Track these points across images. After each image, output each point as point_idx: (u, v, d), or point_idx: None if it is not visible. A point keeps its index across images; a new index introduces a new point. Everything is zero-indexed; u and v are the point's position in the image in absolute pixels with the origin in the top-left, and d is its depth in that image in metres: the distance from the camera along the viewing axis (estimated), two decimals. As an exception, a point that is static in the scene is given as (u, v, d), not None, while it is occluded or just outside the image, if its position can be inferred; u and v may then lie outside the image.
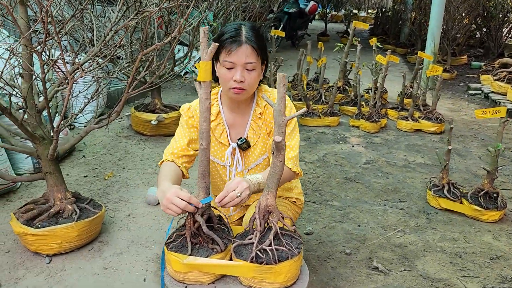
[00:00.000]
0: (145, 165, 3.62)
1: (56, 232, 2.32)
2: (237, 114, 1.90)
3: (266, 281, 1.43)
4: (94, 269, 2.32)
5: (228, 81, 1.72)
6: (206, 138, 1.48)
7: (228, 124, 1.91)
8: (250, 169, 1.94)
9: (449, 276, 2.36)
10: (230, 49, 1.67)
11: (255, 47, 1.69)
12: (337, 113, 4.96)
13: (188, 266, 1.43)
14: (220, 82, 1.79)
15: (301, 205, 2.15)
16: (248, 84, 1.73)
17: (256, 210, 1.51)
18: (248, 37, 1.69)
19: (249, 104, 1.89)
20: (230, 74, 1.71)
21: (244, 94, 1.76)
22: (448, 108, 5.81)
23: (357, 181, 3.52)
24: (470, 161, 4.00)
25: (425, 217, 2.98)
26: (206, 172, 1.52)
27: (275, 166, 1.49)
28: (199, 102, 1.48)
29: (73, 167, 3.51)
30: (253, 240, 1.47)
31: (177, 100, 5.57)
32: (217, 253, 1.47)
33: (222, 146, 1.93)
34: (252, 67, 1.71)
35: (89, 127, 2.52)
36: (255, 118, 1.88)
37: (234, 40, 1.67)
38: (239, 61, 1.68)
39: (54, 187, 2.45)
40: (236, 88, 1.72)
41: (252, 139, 1.90)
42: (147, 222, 2.79)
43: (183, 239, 1.54)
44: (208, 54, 1.42)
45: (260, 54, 1.72)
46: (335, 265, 2.43)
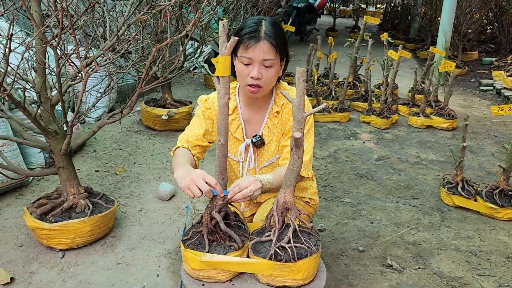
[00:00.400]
0: (156, 160, 3.61)
1: (69, 227, 2.32)
2: (253, 110, 1.87)
3: (285, 279, 1.42)
4: (107, 264, 2.32)
5: (245, 77, 1.69)
6: (224, 134, 1.46)
7: (244, 120, 1.89)
8: (263, 167, 1.92)
9: (465, 275, 2.34)
10: (248, 44, 1.62)
11: (273, 44, 1.64)
12: (348, 109, 4.92)
13: (206, 263, 1.42)
14: (237, 78, 1.76)
15: (315, 206, 2.12)
16: (265, 81, 1.69)
17: (274, 207, 1.49)
18: (268, 33, 1.64)
19: (267, 101, 1.85)
20: (247, 70, 1.67)
21: (260, 92, 1.73)
22: (460, 104, 5.74)
23: (368, 177, 3.49)
24: (483, 158, 3.95)
25: (439, 215, 2.95)
26: (223, 169, 1.51)
27: (294, 162, 1.46)
28: (217, 97, 1.46)
29: (84, 162, 3.51)
30: (271, 237, 1.46)
31: (187, 95, 5.55)
32: (234, 251, 1.46)
33: (236, 141, 1.91)
34: (270, 64, 1.66)
35: (102, 122, 2.51)
36: (272, 116, 1.84)
37: (253, 35, 1.62)
38: (257, 57, 1.64)
39: (67, 182, 2.45)
40: (252, 86, 1.69)
41: (267, 137, 1.87)
42: (159, 217, 2.78)
43: (200, 236, 1.52)
44: (227, 49, 1.40)
45: (279, 51, 1.67)
46: (349, 262, 2.41)
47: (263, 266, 1.41)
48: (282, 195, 1.48)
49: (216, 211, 1.50)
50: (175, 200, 2.99)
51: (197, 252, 1.44)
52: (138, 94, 2.36)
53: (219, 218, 1.48)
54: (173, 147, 3.87)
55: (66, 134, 2.28)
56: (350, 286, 2.23)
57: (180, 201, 2.98)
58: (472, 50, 8.52)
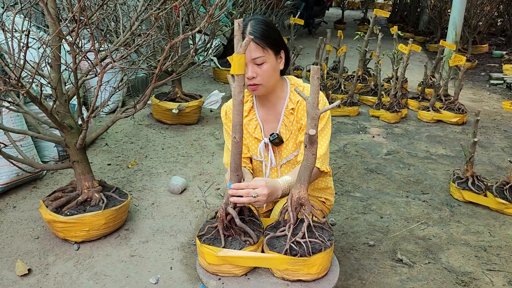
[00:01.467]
0: (167, 153, 3.65)
1: (84, 220, 2.37)
2: (269, 109, 1.89)
3: (299, 273, 1.45)
4: (121, 257, 2.36)
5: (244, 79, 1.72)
6: (239, 131, 1.48)
7: (261, 119, 1.91)
8: (282, 164, 1.93)
9: (474, 270, 2.36)
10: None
11: (258, 42, 1.66)
12: (357, 103, 4.92)
13: (222, 258, 1.45)
14: None
15: (330, 206, 2.13)
16: (262, 78, 1.72)
17: (288, 203, 1.52)
18: (251, 32, 1.67)
19: (281, 99, 1.87)
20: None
21: (261, 89, 1.75)
22: (469, 99, 5.72)
23: (378, 172, 3.51)
24: (493, 153, 3.95)
25: (449, 210, 2.96)
26: (238, 165, 1.53)
27: (307, 159, 1.48)
28: (232, 95, 1.48)
29: (96, 155, 3.55)
30: (286, 232, 1.48)
31: (196, 89, 5.58)
32: (250, 245, 1.49)
33: (257, 142, 1.93)
34: (261, 61, 1.69)
35: (116, 117, 2.54)
36: (287, 114, 1.86)
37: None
38: (247, 58, 1.67)
39: (81, 176, 2.49)
40: (250, 85, 1.73)
41: (284, 134, 1.89)
42: (171, 210, 2.82)
43: (215, 231, 1.55)
44: (242, 47, 1.42)
45: (267, 46, 1.69)
46: (359, 257, 2.44)
47: (278, 260, 1.44)
48: (296, 191, 1.51)
49: (231, 207, 1.53)
50: (187, 194, 3.03)
51: (213, 247, 1.47)
52: (152, 89, 2.38)
53: (234, 213, 1.50)
54: (183, 141, 3.92)
55: (81, 128, 2.31)
56: (360, 280, 2.26)
57: (192, 195, 3.02)
58: (482, 43, 8.45)
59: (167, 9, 2.22)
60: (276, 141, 1.87)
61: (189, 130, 4.16)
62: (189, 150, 3.74)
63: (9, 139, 2.57)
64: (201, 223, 2.69)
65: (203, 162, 3.53)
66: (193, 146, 3.82)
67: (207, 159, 3.58)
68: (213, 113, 4.65)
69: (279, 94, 1.87)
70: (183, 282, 2.18)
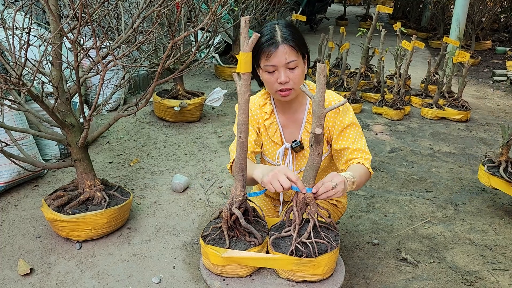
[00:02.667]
0: (169, 151, 3.63)
1: (86, 219, 2.35)
2: (290, 115, 1.87)
3: (305, 274, 1.43)
4: (124, 256, 2.35)
5: (273, 85, 1.70)
6: (244, 130, 1.46)
7: (282, 124, 1.89)
8: (301, 171, 1.90)
9: (480, 269, 2.34)
10: (268, 52, 1.64)
11: (293, 45, 1.65)
12: (360, 100, 4.89)
13: (226, 259, 1.43)
14: (266, 87, 1.77)
15: (343, 209, 2.10)
16: (294, 82, 1.70)
17: (293, 203, 1.50)
18: (285, 36, 1.65)
19: (302, 104, 1.84)
20: (273, 77, 1.68)
21: (293, 94, 1.74)
22: (473, 95, 5.68)
23: (381, 170, 3.48)
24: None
25: (453, 208, 2.94)
26: (244, 165, 1.51)
27: (313, 158, 1.46)
28: (238, 93, 1.46)
29: (98, 153, 3.53)
30: (291, 233, 1.46)
31: (197, 86, 5.55)
32: (254, 246, 1.47)
33: (275, 145, 1.91)
34: (294, 65, 1.67)
35: (118, 115, 2.52)
36: (310, 119, 1.83)
37: (271, 42, 1.64)
38: (280, 62, 1.65)
39: (83, 174, 2.47)
40: (282, 91, 1.70)
41: (306, 141, 1.87)
42: (173, 209, 2.80)
43: (220, 232, 1.54)
44: (248, 45, 1.39)
45: (299, 50, 1.68)
46: (363, 256, 2.42)
47: (284, 261, 1.42)
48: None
49: (236, 207, 1.51)
50: (189, 192, 3.01)
51: (217, 248, 1.45)
52: (154, 87, 2.36)
53: (239, 214, 1.48)
54: (185, 138, 3.90)
55: (83, 127, 2.29)
56: (365, 279, 2.24)
57: (194, 193, 3.00)
58: (485, 39, 8.40)
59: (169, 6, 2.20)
60: (297, 148, 1.85)
61: (191, 127, 4.14)
62: (191, 148, 3.72)
63: (10, 137, 2.56)
64: (203, 221, 2.68)
65: (205, 160, 3.51)
66: (195, 144, 3.80)
67: (209, 157, 3.56)
68: (215, 111, 4.63)
69: (301, 100, 1.85)
70: (186, 282, 2.17)
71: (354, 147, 1.75)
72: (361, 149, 1.75)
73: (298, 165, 1.93)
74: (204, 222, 2.67)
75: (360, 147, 1.76)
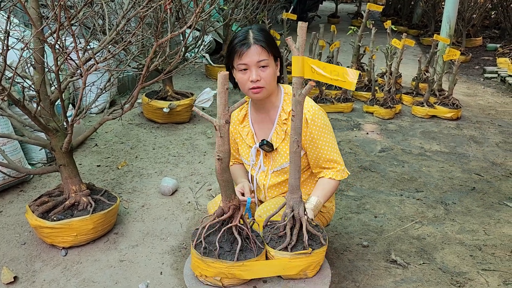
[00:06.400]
0: (158, 154, 3.59)
1: (71, 225, 2.31)
2: (263, 116, 1.96)
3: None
4: (110, 262, 2.31)
5: (246, 83, 1.81)
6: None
7: (255, 126, 1.99)
8: (276, 170, 1.97)
9: (469, 270, 2.32)
10: (241, 52, 1.76)
11: (264, 46, 1.77)
12: (351, 99, 4.87)
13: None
14: (240, 87, 1.87)
15: (328, 213, 2.12)
16: (265, 81, 1.80)
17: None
18: (256, 38, 1.77)
19: (276, 107, 1.92)
20: (246, 76, 1.79)
21: (264, 92, 1.83)
22: (463, 93, 5.68)
23: (372, 170, 3.47)
24: (487, 149, 3.92)
25: (443, 208, 2.93)
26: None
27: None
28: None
29: (85, 157, 3.49)
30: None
31: (188, 86, 5.51)
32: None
33: (247, 147, 2.02)
34: (265, 64, 1.78)
35: (103, 119, 2.48)
36: (280, 123, 1.91)
37: (244, 42, 1.76)
38: (252, 61, 1.76)
39: (68, 180, 2.43)
40: (254, 88, 1.80)
41: (275, 142, 1.94)
42: (162, 213, 2.77)
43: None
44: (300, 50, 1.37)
45: (270, 51, 1.79)
46: (352, 258, 2.40)
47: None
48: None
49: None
50: (178, 195, 2.98)
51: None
52: (139, 90, 2.32)
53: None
54: (175, 140, 3.86)
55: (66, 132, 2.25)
56: (354, 282, 2.22)
57: (183, 196, 2.97)
58: (476, 36, 8.41)
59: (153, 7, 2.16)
60: (265, 147, 1.92)
61: (180, 129, 4.10)
62: (181, 150, 3.68)
63: (-7, 142, 2.51)
64: (192, 225, 2.64)
65: (194, 162, 3.47)
66: (185, 145, 3.76)
67: (198, 159, 3.53)
68: (205, 111, 4.59)
69: (274, 102, 1.93)
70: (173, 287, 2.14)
71: (327, 157, 1.87)
72: (333, 159, 1.87)
73: (272, 165, 1.97)
74: (193, 226, 2.64)
75: (332, 157, 1.87)
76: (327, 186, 1.84)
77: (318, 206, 1.78)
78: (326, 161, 1.87)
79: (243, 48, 1.75)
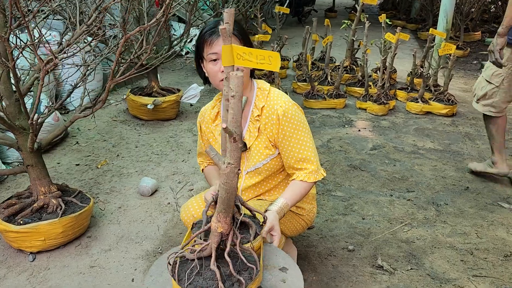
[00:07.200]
0: (140, 152, 3.46)
1: (39, 229, 2.19)
2: None
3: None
4: (80, 268, 2.19)
5: (216, 75, 1.66)
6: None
7: None
8: (249, 171, 1.83)
9: (459, 276, 2.20)
10: (210, 40, 1.63)
11: (236, 34, 1.64)
12: (343, 95, 4.73)
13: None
14: (210, 79, 1.73)
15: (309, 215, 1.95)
16: None
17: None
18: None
19: (248, 103, 1.79)
20: (217, 66, 1.65)
21: None
22: (460, 88, 5.54)
23: (362, 168, 3.34)
24: (483, 146, 3.78)
25: (434, 209, 2.80)
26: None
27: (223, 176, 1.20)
28: None
29: (64, 155, 3.36)
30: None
31: (177, 82, 5.37)
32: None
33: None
34: None
35: (74, 117, 2.36)
36: (253, 120, 1.78)
37: (214, 31, 1.63)
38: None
39: (37, 181, 2.31)
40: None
41: (248, 140, 1.80)
42: (139, 215, 2.64)
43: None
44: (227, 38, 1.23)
45: (242, 40, 1.66)
46: (337, 263, 2.28)
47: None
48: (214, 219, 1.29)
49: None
50: (157, 196, 2.85)
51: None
52: (110, 87, 2.19)
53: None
54: (159, 137, 3.74)
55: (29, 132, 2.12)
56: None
57: (163, 197, 2.84)
58: (474, 30, 8.24)
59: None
60: None
61: (166, 126, 3.97)
62: (164, 148, 3.55)
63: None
64: (169, 228, 2.52)
65: (177, 160, 3.35)
66: (169, 143, 3.63)
67: (182, 157, 3.40)
68: (193, 108, 4.46)
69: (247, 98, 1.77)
70: (145, 296, 2.01)
71: (298, 157, 1.74)
72: (305, 158, 1.73)
73: (247, 165, 1.83)
74: (171, 229, 2.52)
75: (305, 156, 1.73)
76: (297, 189, 1.71)
77: (283, 208, 1.65)
78: (297, 161, 1.73)
79: (213, 37, 1.63)
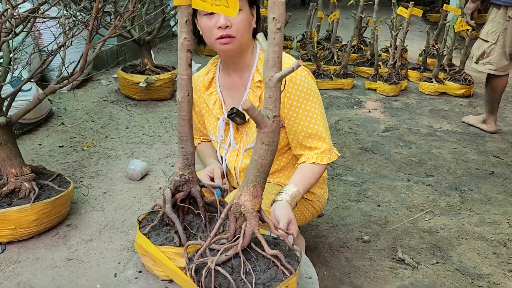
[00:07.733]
0: (131, 133, 3.16)
1: (8, 216, 1.90)
2: (235, 80, 1.53)
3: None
4: (55, 261, 1.90)
5: (212, 31, 1.37)
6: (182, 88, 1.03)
7: (224, 93, 1.57)
8: (248, 148, 1.55)
9: (493, 271, 1.91)
10: None
11: None
12: (351, 75, 4.41)
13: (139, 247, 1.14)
14: (205, 38, 1.43)
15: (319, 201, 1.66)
16: (237, 28, 1.36)
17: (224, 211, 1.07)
18: None
19: (250, 66, 1.50)
20: (212, 21, 1.35)
21: (235, 43, 1.39)
22: (475, 69, 5.20)
23: (375, 151, 3.03)
24: (505, 128, 3.48)
25: (458, 195, 2.50)
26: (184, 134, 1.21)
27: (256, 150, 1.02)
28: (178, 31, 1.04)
29: (48, 136, 3.05)
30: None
31: (173, 62, 5.04)
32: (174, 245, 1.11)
33: (215, 120, 1.60)
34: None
35: (50, 87, 2.06)
36: (254, 87, 1.49)
37: None
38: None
39: (6, 161, 2.01)
40: (222, 37, 1.36)
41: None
42: (126, 201, 2.35)
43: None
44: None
45: None
46: (351, 256, 1.99)
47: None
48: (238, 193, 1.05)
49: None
50: (147, 180, 2.55)
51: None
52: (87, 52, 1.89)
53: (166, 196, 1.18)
54: (152, 118, 3.44)
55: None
56: (353, 287, 1.81)
57: (154, 181, 2.55)
58: (486, 11, 7.88)
59: None
60: (236, 118, 1.48)
61: (160, 106, 3.66)
62: (158, 129, 3.24)
63: None
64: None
65: (171, 142, 3.04)
66: (163, 124, 3.33)
67: (176, 139, 3.09)
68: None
69: (248, 61, 1.51)
70: (128, 294, 1.72)
71: (308, 131, 1.45)
72: (315, 134, 1.45)
73: (245, 141, 1.55)
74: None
75: (315, 131, 1.45)
76: (308, 173, 1.43)
77: (295, 197, 1.35)
78: (306, 137, 1.45)
79: None
